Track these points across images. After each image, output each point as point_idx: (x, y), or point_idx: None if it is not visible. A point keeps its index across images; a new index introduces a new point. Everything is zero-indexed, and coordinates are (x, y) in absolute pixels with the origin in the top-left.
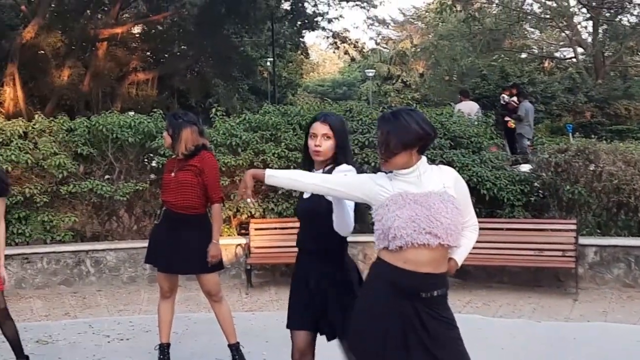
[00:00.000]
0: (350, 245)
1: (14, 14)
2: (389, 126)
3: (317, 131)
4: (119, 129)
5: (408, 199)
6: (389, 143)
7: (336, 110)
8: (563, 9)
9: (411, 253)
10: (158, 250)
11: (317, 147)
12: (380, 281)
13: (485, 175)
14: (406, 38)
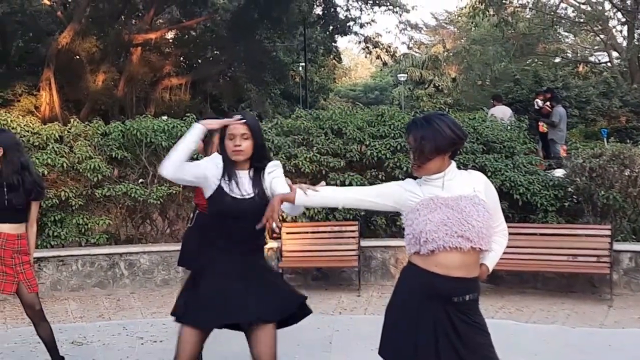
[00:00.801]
0: (382, 250)
1: (50, 19)
2: (422, 131)
3: (235, 132)
4: (153, 133)
5: (439, 203)
6: (423, 149)
7: (368, 114)
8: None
9: (443, 257)
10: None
11: (237, 147)
12: (411, 285)
13: (518, 180)
14: (438, 42)
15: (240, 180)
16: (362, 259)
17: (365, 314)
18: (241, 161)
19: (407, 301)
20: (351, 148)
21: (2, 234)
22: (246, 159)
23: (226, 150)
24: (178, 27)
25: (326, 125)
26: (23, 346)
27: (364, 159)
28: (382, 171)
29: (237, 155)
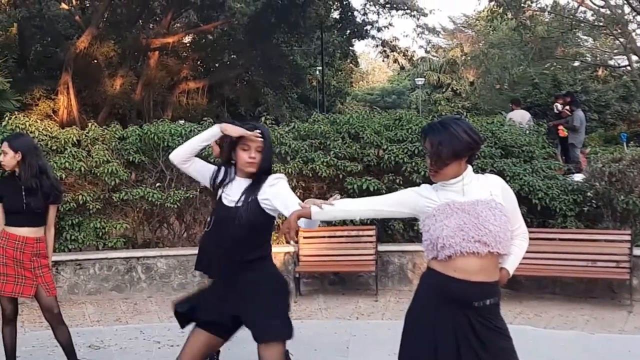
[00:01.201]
0: (399, 255)
1: (68, 24)
2: (439, 136)
3: (252, 144)
4: (170, 137)
5: (455, 208)
6: (440, 154)
7: (386, 118)
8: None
9: (461, 262)
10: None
11: (251, 159)
12: (430, 290)
13: (536, 185)
14: (456, 46)
15: (234, 187)
16: (380, 263)
17: (382, 319)
18: (250, 172)
19: (426, 306)
20: (368, 152)
21: (21, 237)
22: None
23: (238, 159)
24: (195, 31)
25: (343, 130)
26: (41, 350)
27: (382, 163)
28: (399, 175)
29: (250, 167)
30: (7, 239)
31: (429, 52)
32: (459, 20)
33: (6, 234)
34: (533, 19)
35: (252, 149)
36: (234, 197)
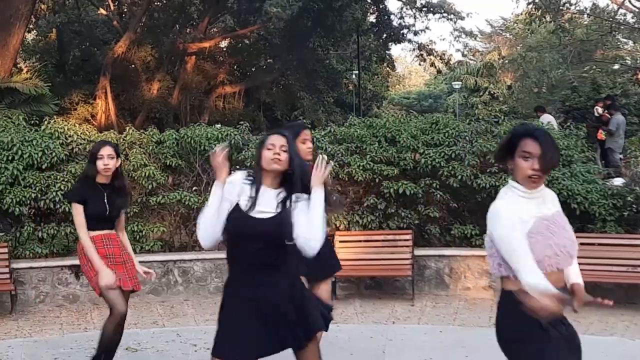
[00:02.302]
0: (436, 259)
1: (106, 29)
2: (551, 141)
3: (275, 142)
4: (207, 141)
5: (551, 224)
6: (552, 159)
7: (422, 122)
8: None
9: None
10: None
11: (276, 154)
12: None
13: (575, 189)
14: (494, 50)
15: (263, 198)
16: (416, 268)
17: (419, 324)
18: (276, 172)
19: (530, 323)
20: (405, 156)
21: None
22: (282, 170)
23: (263, 160)
24: (232, 36)
25: (380, 133)
26: (78, 352)
27: (418, 167)
28: (436, 179)
29: (276, 163)
30: (93, 240)
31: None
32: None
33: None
34: (572, 21)
35: (277, 147)
36: (266, 207)
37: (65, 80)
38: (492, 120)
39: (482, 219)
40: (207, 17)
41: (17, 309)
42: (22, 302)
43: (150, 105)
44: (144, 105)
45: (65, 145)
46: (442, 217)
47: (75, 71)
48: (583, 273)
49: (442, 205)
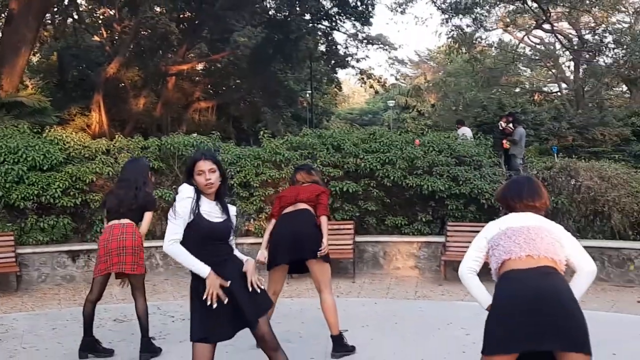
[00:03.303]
0: (373, 244)
1: (99, 53)
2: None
3: (203, 168)
4: (184, 147)
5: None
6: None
7: (362, 133)
8: (550, 52)
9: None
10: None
11: (208, 181)
12: None
13: (484, 188)
14: (420, 75)
15: (211, 207)
16: (357, 251)
17: (358, 297)
18: (211, 193)
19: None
20: (348, 161)
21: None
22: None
23: (198, 185)
24: (206, 60)
25: (328, 142)
26: (73, 323)
27: (359, 170)
28: (373, 180)
29: (209, 188)
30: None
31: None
32: (422, 54)
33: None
34: (482, 53)
35: (206, 172)
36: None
37: (65, 95)
38: (418, 132)
39: (410, 211)
40: (185, 44)
41: (22, 288)
42: (25, 282)
43: (137, 117)
44: (131, 117)
45: (63, 150)
46: (377, 210)
47: (73, 88)
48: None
49: (377, 200)
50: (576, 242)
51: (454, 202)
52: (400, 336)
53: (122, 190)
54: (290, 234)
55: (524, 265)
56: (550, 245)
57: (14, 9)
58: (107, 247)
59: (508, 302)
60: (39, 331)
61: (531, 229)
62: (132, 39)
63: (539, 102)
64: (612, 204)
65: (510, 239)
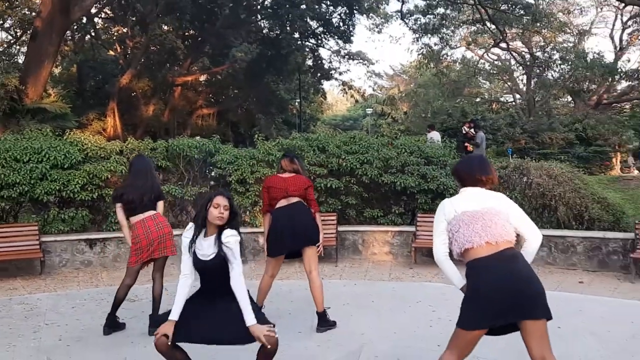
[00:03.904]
0: (353, 233)
1: (114, 65)
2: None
3: (219, 202)
4: (188, 149)
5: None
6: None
7: (344, 137)
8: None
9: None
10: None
11: (220, 214)
12: None
13: (449, 184)
14: (394, 86)
15: (204, 244)
16: (339, 239)
17: (340, 279)
18: (217, 225)
19: None
20: (332, 161)
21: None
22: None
23: (209, 215)
24: (208, 72)
25: (314, 144)
26: (90, 302)
27: (341, 169)
28: (353, 177)
29: (219, 220)
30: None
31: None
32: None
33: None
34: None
35: (221, 207)
36: (206, 251)
37: (83, 103)
38: (392, 136)
39: (385, 205)
40: (189, 59)
41: (45, 271)
42: (48, 266)
43: (147, 122)
44: (142, 122)
45: (81, 151)
46: (357, 203)
47: (91, 96)
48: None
49: (357, 195)
50: (521, 214)
51: (423, 197)
52: (376, 313)
53: (140, 182)
54: (292, 227)
55: (486, 252)
56: (503, 228)
57: (38, 26)
58: (149, 238)
59: (487, 291)
60: (60, 309)
61: (485, 215)
62: (142, 53)
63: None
64: (558, 198)
65: (469, 227)
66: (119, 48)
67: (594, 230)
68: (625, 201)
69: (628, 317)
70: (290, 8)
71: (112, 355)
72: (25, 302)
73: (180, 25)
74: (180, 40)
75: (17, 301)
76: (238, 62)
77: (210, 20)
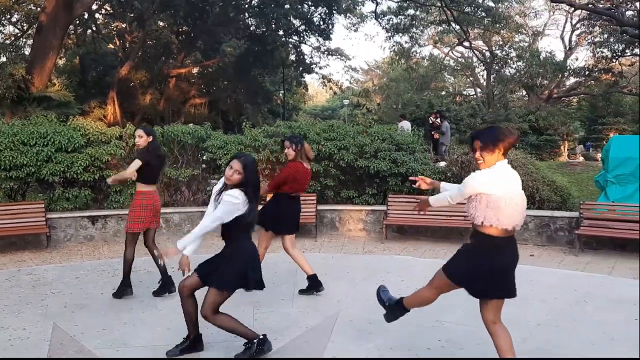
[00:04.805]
0: (331, 212)
1: (114, 58)
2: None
3: (233, 165)
4: (182, 134)
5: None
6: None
7: (324, 125)
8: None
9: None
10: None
11: (230, 176)
12: None
13: (417, 168)
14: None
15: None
16: (318, 217)
17: (319, 253)
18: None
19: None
20: (312, 146)
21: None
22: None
23: (225, 173)
24: (200, 65)
25: (296, 132)
26: (93, 273)
27: (320, 154)
28: (331, 161)
29: (227, 180)
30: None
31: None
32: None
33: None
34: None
35: (233, 170)
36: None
37: (85, 92)
38: (367, 125)
39: (359, 186)
40: (183, 52)
41: (51, 245)
42: (54, 241)
43: (144, 110)
44: (139, 110)
45: (84, 136)
46: (335, 185)
47: (92, 86)
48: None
49: (335, 177)
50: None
51: (393, 180)
52: (350, 282)
53: (162, 157)
54: (298, 213)
55: (507, 234)
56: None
57: (43, 20)
58: (155, 209)
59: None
60: (64, 279)
61: (518, 201)
62: (140, 47)
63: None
64: None
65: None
66: (118, 42)
67: (544, 210)
68: (571, 184)
69: (572, 286)
70: (276, 7)
71: (112, 320)
72: (33, 273)
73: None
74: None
75: (26, 272)
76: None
77: (202, 18)
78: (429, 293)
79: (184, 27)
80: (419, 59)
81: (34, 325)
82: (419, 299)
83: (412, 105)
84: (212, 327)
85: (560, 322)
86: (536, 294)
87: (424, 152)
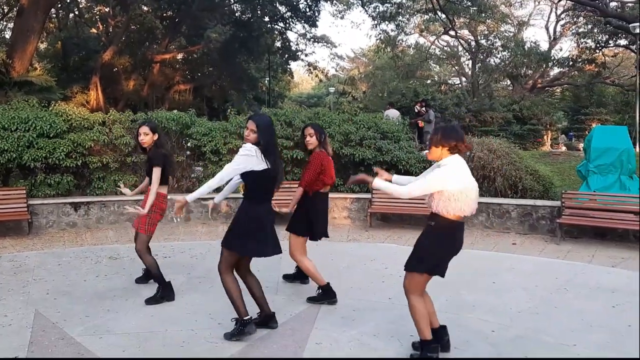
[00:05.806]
0: None
1: (97, 42)
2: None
3: (249, 126)
4: (166, 121)
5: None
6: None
7: (309, 113)
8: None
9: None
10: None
11: (247, 136)
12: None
13: (402, 157)
14: (355, 68)
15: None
16: None
17: None
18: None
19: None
20: (297, 134)
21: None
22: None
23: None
24: (185, 51)
25: (282, 119)
26: (75, 260)
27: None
28: None
29: (246, 139)
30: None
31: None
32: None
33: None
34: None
35: (249, 129)
36: None
37: (67, 77)
38: (352, 113)
39: (345, 174)
40: (167, 38)
41: (33, 232)
42: (36, 227)
43: (128, 96)
44: (123, 96)
45: (66, 121)
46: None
47: (75, 71)
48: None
49: None
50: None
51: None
52: (335, 269)
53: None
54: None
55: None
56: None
57: (24, 3)
58: (163, 214)
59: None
60: (47, 266)
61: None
62: (123, 31)
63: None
64: (497, 170)
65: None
66: (101, 26)
67: (527, 199)
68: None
69: (553, 273)
70: None
71: (95, 307)
72: (15, 260)
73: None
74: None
75: (7, 259)
76: (212, 42)
77: (187, 3)
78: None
79: (168, 12)
80: (405, 47)
81: (15, 312)
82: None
83: (398, 94)
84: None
85: (540, 309)
86: (517, 281)
87: (408, 140)
